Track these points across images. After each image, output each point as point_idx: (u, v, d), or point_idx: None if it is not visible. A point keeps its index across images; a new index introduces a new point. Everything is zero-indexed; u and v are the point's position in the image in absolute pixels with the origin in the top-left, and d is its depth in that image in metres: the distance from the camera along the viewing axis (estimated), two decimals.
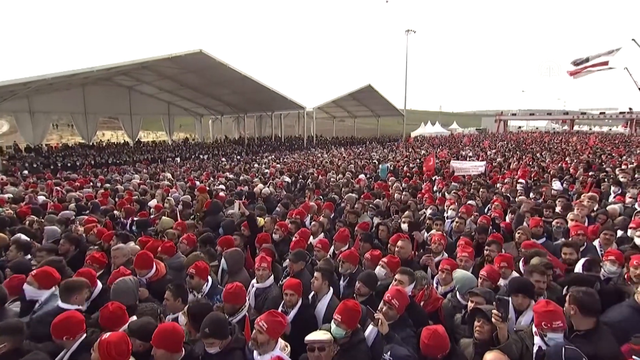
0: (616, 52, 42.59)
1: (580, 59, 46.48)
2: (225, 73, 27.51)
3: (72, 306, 3.07)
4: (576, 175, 10.87)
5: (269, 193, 9.15)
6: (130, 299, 3.24)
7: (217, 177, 12.97)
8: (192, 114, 40.21)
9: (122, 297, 3.17)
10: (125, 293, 3.25)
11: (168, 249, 4.39)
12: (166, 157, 26.26)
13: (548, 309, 2.51)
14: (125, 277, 3.42)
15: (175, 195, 8.83)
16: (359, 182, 10.18)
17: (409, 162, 17.60)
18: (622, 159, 16.95)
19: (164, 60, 24.10)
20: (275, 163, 18.92)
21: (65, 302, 3.12)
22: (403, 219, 5.41)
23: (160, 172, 14.73)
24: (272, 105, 35.99)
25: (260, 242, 4.78)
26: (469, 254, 4.06)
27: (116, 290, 3.28)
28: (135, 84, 31.33)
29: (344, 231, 4.76)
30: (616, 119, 63.38)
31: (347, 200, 7.34)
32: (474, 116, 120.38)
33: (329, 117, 52.49)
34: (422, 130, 60.15)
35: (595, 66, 44.87)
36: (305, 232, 4.97)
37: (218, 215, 6.53)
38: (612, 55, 42.50)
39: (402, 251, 4.14)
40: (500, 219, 5.93)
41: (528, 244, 4.50)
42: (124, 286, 3.32)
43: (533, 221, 5.09)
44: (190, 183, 10.98)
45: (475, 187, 8.65)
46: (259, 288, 3.69)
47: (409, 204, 7.00)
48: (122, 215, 6.78)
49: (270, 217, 5.77)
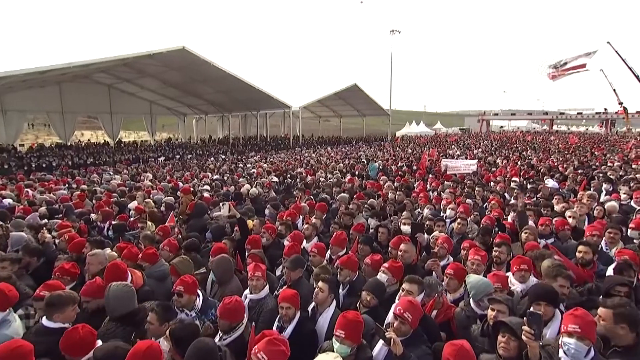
0: (593, 55, 43.72)
1: (558, 62, 47.57)
2: (209, 71, 26.87)
3: (56, 324, 2.72)
4: (566, 173, 10.82)
5: (256, 193, 8.75)
6: (131, 304, 2.96)
7: (202, 177, 12.45)
8: (175, 114, 39.29)
9: (122, 303, 2.92)
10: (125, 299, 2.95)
11: (150, 256, 3.95)
12: (148, 158, 25.43)
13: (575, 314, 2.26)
14: (122, 283, 3.13)
15: (157, 197, 8.34)
16: (351, 182, 9.86)
17: (398, 160, 17.46)
18: (605, 157, 17.17)
19: (145, 57, 23.33)
20: (261, 163, 18.46)
21: (49, 320, 2.75)
22: (403, 220, 5.10)
23: (142, 173, 14.06)
24: (258, 105, 35.40)
25: (251, 243, 4.39)
26: (481, 257, 3.77)
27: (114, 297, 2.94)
28: (116, 82, 30.33)
29: (340, 234, 4.42)
30: (592, 119, 65.13)
31: (340, 201, 6.99)
32: (457, 116, 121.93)
33: (315, 117, 52.12)
34: (407, 130, 60.72)
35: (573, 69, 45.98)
36: (298, 236, 4.62)
37: (203, 218, 6.11)
38: (590, 57, 43.60)
39: (406, 255, 3.83)
40: (502, 218, 5.72)
41: (533, 245, 4.27)
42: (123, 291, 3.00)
43: (541, 220, 4.86)
44: (173, 184, 10.46)
45: (470, 185, 8.43)
46: (252, 299, 3.32)
47: (405, 203, 6.72)
48: (98, 218, 6.26)
49: (259, 220, 5.38)
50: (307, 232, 4.87)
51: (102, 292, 3.14)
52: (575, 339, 2.19)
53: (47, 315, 2.76)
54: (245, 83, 29.40)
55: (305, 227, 4.97)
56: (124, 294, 2.98)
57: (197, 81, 29.58)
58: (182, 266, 3.67)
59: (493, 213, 5.81)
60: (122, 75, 28.41)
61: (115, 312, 2.93)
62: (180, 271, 3.60)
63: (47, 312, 2.76)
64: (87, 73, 26.54)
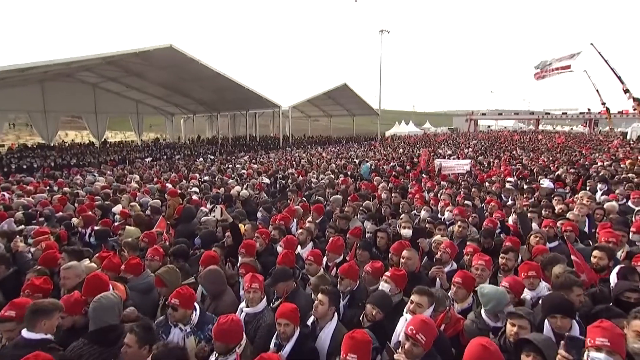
0: (577, 56, 44.44)
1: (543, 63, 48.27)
2: (197, 70, 26.40)
3: (37, 335, 2.48)
4: (559, 172, 10.76)
5: (247, 195, 8.46)
6: (112, 317, 2.72)
7: (190, 178, 12.06)
8: (163, 113, 38.62)
9: (105, 315, 2.68)
10: (107, 311, 2.70)
11: (134, 267, 3.63)
12: (135, 158, 24.82)
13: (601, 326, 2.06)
14: (107, 293, 2.88)
15: (144, 200, 7.98)
16: (345, 183, 9.61)
17: (390, 160, 17.32)
18: (594, 156, 17.30)
19: (131, 55, 22.77)
20: (251, 163, 18.11)
21: (31, 331, 2.50)
22: (403, 224, 4.87)
23: (127, 174, 13.59)
24: (247, 104, 34.94)
25: (245, 249, 4.12)
26: (485, 262, 3.57)
27: (97, 310, 2.69)
28: (100, 81, 29.62)
29: (337, 240, 4.16)
30: (576, 119, 66.30)
31: (334, 203, 6.72)
32: (445, 116, 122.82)
33: (304, 117, 51.88)
34: (396, 130, 60.99)
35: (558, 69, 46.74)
36: (292, 241, 4.34)
37: (191, 223, 5.79)
38: (574, 59, 44.29)
39: (409, 263, 3.59)
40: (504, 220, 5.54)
41: (542, 250, 4.09)
42: (107, 303, 2.74)
43: (545, 222, 4.69)
44: (160, 186, 10.08)
45: (466, 186, 8.26)
46: (249, 314, 3.04)
47: (402, 205, 6.50)
48: (79, 224, 5.89)
49: (251, 224, 5.10)
50: (301, 237, 4.60)
51: (80, 308, 2.86)
52: (604, 354, 1.99)
53: (30, 325, 2.51)
54: (234, 82, 28.98)
55: (300, 232, 4.69)
56: (102, 305, 2.71)
57: (185, 80, 29.06)
58: (168, 276, 3.36)
59: (495, 215, 5.62)
60: (107, 74, 27.74)
61: (91, 326, 2.69)
62: (167, 282, 3.31)
63: (31, 321, 2.52)
64: (71, 71, 25.83)
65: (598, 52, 39.49)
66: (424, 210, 6.12)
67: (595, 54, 39.33)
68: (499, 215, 5.61)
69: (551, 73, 46.46)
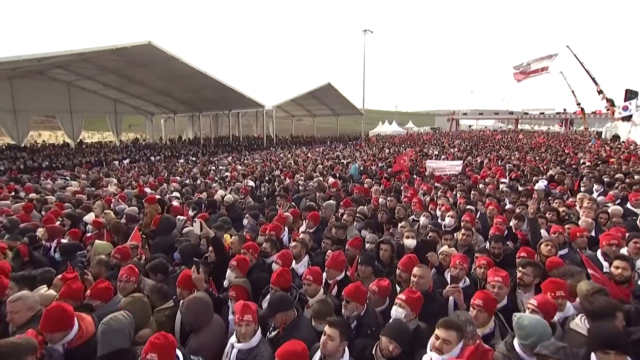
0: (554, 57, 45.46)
1: (521, 64, 49.26)
2: (178, 68, 25.50)
3: None
4: (552, 172, 10.58)
5: (232, 200, 7.93)
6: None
7: (171, 181, 11.37)
8: (142, 113, 37.38)
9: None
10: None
11: (101, 292, 3.08)
12: (112, 160, 23.76)
13: None
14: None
15: (120, 207, 7.35)
16: (335, 186, 9.16)
17: (378, 161, 16.98)
18: (580, 156, 17.36)
19: (107, 52, 21.73)
20: (235, 165, 17.47)
21: None
22: (406, 233, 4.44)
23: (103, 178, 12.77)
24: (229, 104, 34.12)
25: (238, 263, 3.63)
26: (503, 279, 3.19)
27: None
28: (75, 79, 28.30)
29: (338, 255, 3.69)
30: (553, 119, 68.11)
31: (327, 209, 6.21)
32: (427, 116, 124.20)
33: (288, 116, 51.29)
34: (380, 129, 61.35)
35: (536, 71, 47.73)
36: (287, 256, 3.86)
37: (171, 235, 5.22)
38: (551, 60, 45.31)
39: (422, 282, 3.16)
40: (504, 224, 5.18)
41: (557, 262, 3.73)
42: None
43: (554, 228, 4.36)
44: (139, 190, 9.39)
45: (462, 189, 7.91)
46: (242, 350, 2.55)
47: (397, 210, 6.08)
48: (44, 236, 5.23)
49: (238, 236, 4.57)
50: (295, 250, 4.11)
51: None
52: None
53: None
54: (216, 81, 28.19)
55: (293, 244, 4.21)
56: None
57: (164, 79, 28.08)
58: (134, 309, 2.80)
59: (495, 220, 5.26)
60: (82, 71, 26.50)
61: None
62: (134, 316, 2.73)
63: None
64: (42, 69, 24.53)
65: (574, 54, 40.50)
66: (423, 217, 5.67)
67: (571, 56, 40.31)
68: (500, 220, 5.26)
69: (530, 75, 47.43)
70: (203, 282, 3.35)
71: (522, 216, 5.21)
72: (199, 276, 3.32)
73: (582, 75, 40.28)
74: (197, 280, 3.30)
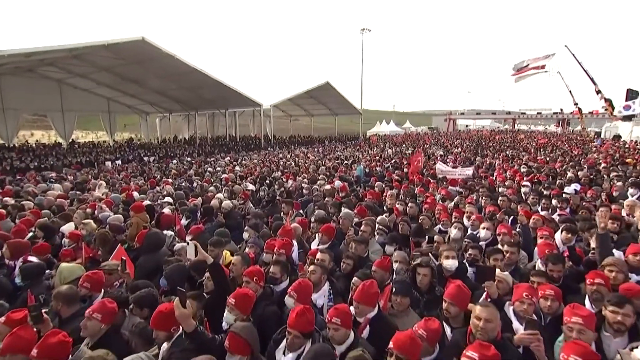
0: (552, 57, 45.08)
1: (519, 63, 48.97)
2: (173, 66, 24.68)
3: None
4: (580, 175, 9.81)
5: (230, 207, 7.14)
6: None
7: (163, 184, 10.49)
8: (137, 112, 36.46)
9: None
10: None
11: (51, 350, 2.19)
12: (104, 160, 22.81)
13: None
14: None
15: (104, 215, 6.51)
16: (344, 190, 8.34)
17: (382, 161, 16.21)
18: (594, 157, 16.67)
19: (99, 48, 20.84)
20: (231, 166, 16.61)
21: None
22: (445, 253, 3.64)
23: (91, 180, 11.86)
24: (226, 103, 33.29)
25: (237, 301, 2.80)
26: (585, 319, 2.42)
27: None
28: (67, 77, 27.36)
29: (370, 286, 2.84)
30: (550, 119, 68.11)
31: (345, 220, 5.30)
32: (424, 115, 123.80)
33: (285, 116, 50.52)
34: (377, 129, 61.24)
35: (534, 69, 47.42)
36: (305, 289, 2.99)
37: (159, 253, 4.36)
38: (549, 59, 44.96)
39: (489, 327, 2.37)
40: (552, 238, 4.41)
41: (634, 289, 2.97)
42: None
43: (633, 248, 3.58)
44: (127, 195, 8.55)
45: (485, 193, 7.13)
46: None
47: (422, 221, 5.30)
48: (6, 254, 4.37)
49: (241, 256, 3.77)
50: (314, 277, 3.28)
51: None
52: None
53: None
54: (213, 79, 27.39)
55: (312, 269, 3.35)
56: None
57: (159, 77, 27.24)
58: None
59: (540, 232, 4.49)
60: (73, 69, 25.58)
61: None
62: None
63: None
64: (32, 65, 23.58)
65: (572, 53, 40.14)
66: (454, 228, 4.86)
67: (569, 55, 39.92)
68: (546, 232, 4.49)
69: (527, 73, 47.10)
70: (190, 320, 2.51)
71: (574, 228, 4.42)
72: (184, 312, 2.47)
73: (580, 75, 39.94)
74: (181, 317, 2.43)
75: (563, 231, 4.43)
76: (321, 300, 3.19)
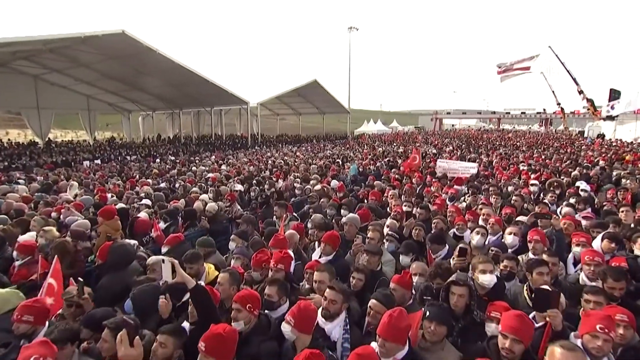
0: (536, 58, 45.58)
1: (504, 64, 49.48)
2: (156, 61, 23.60)
3: None
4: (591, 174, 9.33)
5: (216, 209, 6.39)
6: None
7: (142, 185, 9.61)
8: (118, 110, 35.11)
9: None
10: None
11: None
12: (82, 160, 21.61)
13: None
14: None
15: (70, 219, 5.67)
16: (342, 190, 7.64)
17: (375, 160, 15.60)
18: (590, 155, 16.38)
19: (76, 41, 19.67)
20: (216, 165, 15.72)
21: None
22: (481, 266, 2.88)
23: (61, 180, 10.76)
24: (212, 100, 32.26)
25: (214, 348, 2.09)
26: None
27: None
28: (43, 72, 25.98)
29: (399, 319, 2.13)
30: (534, 119, 69.27)
31: (351, 226, 4.44)
32: (411, 115, 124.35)
33: (272, 115, 49.63)
34: (365, 129, 61.14)
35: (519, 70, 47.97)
36: (307, 314, 2.33)
37: (126, 271, 3.55)
38: (533, 60, 45.47)
39: None
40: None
41: None
42: None
43: None
44: (100, 197, 7.69)
45: (496, 192, 6.52)
46: None
47: (435, 224, 4.64)
48: None
49: (229, 273, 3.05)
50: (333, 308, 2.54)
51: None
52: None
53: None
54: (198, 76, 26.40)
55: (330, 297, 2.54)
56: None
57: (142, 73, 26.11)
58: None
59: (576, 239, 3.88)
60: (50, 64, 24.30)
61: None
62: None
63: None
64: (4, 59, 22.22)
65: (555, 54, 40.64)
66: (476, 234, 4.16)
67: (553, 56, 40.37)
68: (583, 239, 3.88)
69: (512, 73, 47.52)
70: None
71: (617, 237, 3.81)
72: (129, 353, 1.78)
73: (563, 75, 40.50)
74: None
75: (605, 239, 3.82)
76: (336, 333, 2.49)
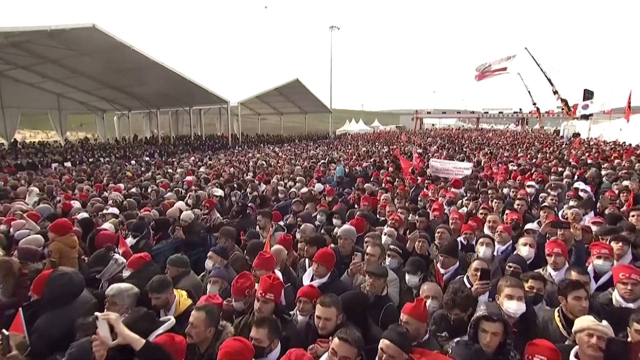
0: (513, 59, 46.53)
1: (482, 65, 50.30)
2: (130, 58, 22.51)
3: None
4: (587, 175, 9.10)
5: (192, 218, 5.75)
6: None
7: (112, 190, 8.79)
8: (92, 109, 33.61)
9: None
10: None
11: None
12: (50, 162, 20.35)
13: None
14: None
15: (21, 233, 4.94)
16: (330, 193, 7.09)
17: (361, 160, 15.14)
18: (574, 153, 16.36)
19: (42, 35, 18.44)
20: (193, 167, 14.89)
21: None
22: (507, 290, 2.45)
23: (21, 185, 9.70)
24: (190, 100, 31.24)
25: None
26: None
27: None
28: (7, 69, 24.36)
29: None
30: (510, 118, 70.96)
31: (345, 240, 3.85)
32: (392, 115, 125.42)
33: (253, 114, 48.75)
34: (347, 128, 61.13)
35: (496, 71, 48.90)
36: None
37: (70, 308, 2.75)
38: (510, 61, 46.40)
39: None
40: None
41: None
42: None
43: None
44: (63, 205, 6.87)
45: (496, 195, 6.09)
46: None
47: (439, 235, 4.14)
48: None
49: (205, 311, 2.41)
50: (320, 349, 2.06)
51: None
52: None
53: None
54: (176, 74, 25.41)
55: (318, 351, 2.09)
56: None
57: (115, 71, 24.89)
58: None
59: (597, 250, 3.46)
60: (15, 60, 22.75)
61: None
62: None
63: None
64: None
65: (531, 55, 41.58)
66: (481, 245, 3.61)
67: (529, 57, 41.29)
68: (605, 251, 3.44)
69: (490, 74, 48.35)
70: None
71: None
72: None
73: (539, 76, 41.49)
74: None
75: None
76: None
